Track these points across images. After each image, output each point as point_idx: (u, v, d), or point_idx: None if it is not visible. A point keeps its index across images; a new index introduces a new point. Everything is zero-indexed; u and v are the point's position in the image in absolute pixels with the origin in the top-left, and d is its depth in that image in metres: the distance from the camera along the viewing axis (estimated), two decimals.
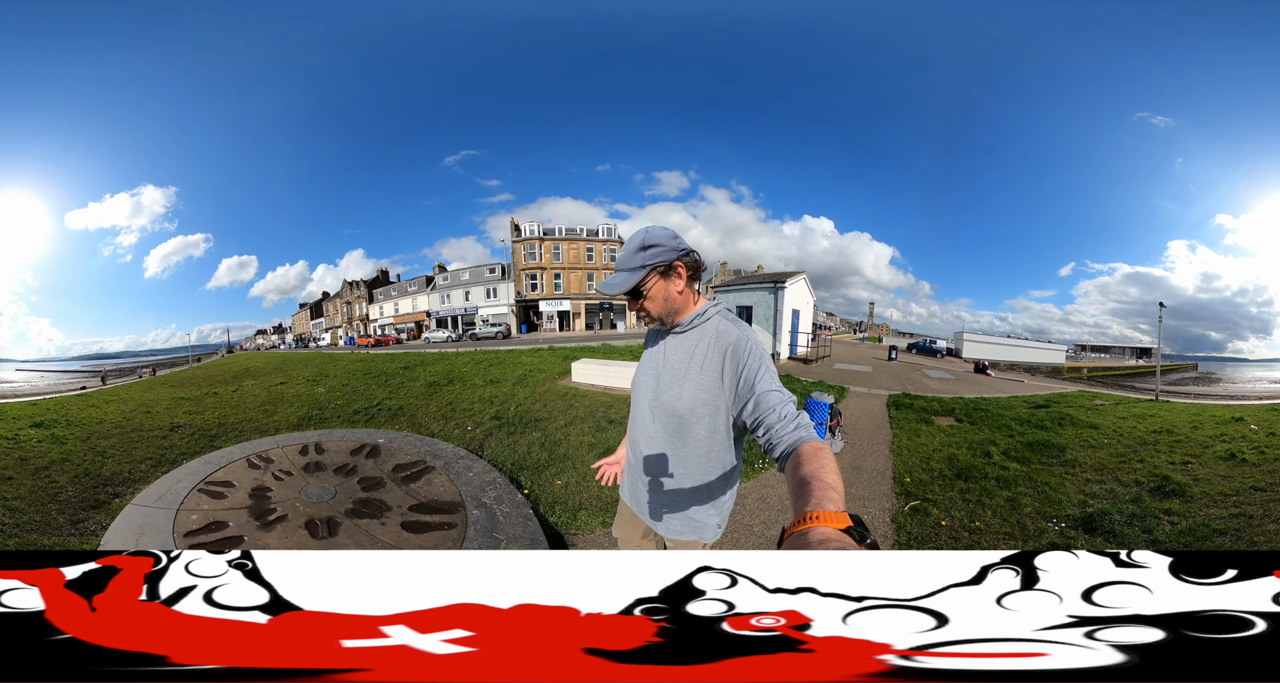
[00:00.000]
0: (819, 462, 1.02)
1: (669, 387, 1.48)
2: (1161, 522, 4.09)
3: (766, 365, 1.36)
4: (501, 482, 3.50)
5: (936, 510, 4.26)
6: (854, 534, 0.74)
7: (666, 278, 1.43)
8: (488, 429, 6.66)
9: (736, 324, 1.45)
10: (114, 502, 4.35)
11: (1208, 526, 3.97)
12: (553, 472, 5.01)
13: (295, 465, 3.60)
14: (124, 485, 4.76)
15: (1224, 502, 4.50)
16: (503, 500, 3.29)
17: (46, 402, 10.25)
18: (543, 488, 4.63)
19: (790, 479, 1.03)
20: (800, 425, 1.20)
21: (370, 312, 30.43)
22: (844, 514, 0.79)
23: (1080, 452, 6.26)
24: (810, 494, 0.91)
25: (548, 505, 4.21)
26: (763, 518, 4.04)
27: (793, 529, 0.79)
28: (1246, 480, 5.04)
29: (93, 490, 4.64)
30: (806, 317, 18.39)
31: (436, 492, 3.34)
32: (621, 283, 1.42)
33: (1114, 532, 3.87)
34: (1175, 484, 4.86)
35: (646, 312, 1.49)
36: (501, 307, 27.22)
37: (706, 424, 1.44)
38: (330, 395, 9.70)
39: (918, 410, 8.93)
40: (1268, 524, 3.95)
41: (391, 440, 4.19)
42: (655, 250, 1.41)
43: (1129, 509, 4.27)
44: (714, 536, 1.55)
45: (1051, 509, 4.32)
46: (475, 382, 10.28)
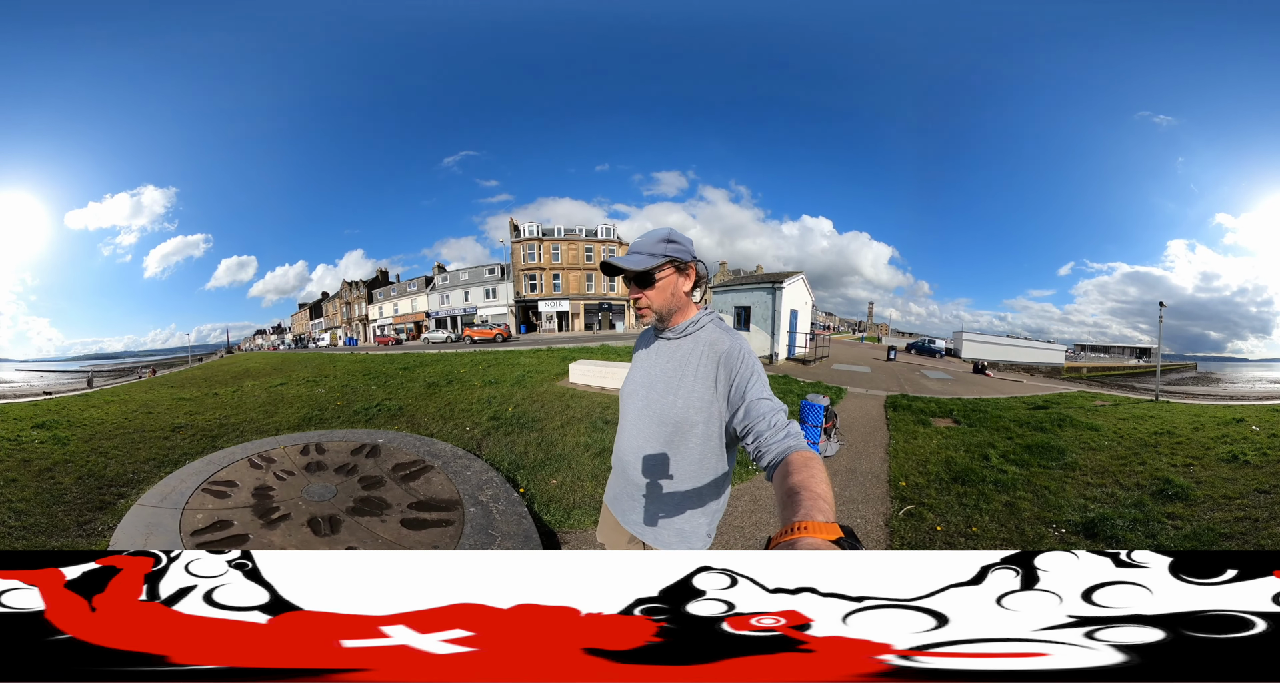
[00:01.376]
0: (808, 471, 0.99)
1: (661, 394, 1.47)
2: (1165, 526, 4.00)
3: (758, 374, 1.35)
4: (498, 481, 3.55)
5: (932, 515, 4.19)
6: (844, 545, 0.73)
7: (679, 274, 1.46)
8: (485, 429, 6.71)
9: (730, 333, 1.45)
10: (119, 502, 4.34)
11: (1213, 529, 3.89)
12: (548, 471, 5.05)
13: (297, 465, 3.64)
14: (128, 486, 4.77)
15: (1228, 505, 4.42)
16: (499, 499, 3.34)
17: (48, 402, 10.23)
18: (538, 487, 4.67)
19: (778, 488, 1.01)
20: (790, 434, 1.18)
21: (369, 312, 30.41)
22: (834, 525, 0.78)
23: (1080, 454, 6.13)
24: (799, 504, 0.89)
25: (542, 504, 4.26)
26: (754, 520, 4.04)
27: (780, 539, 0.77)
28: (1250, 483, 4.97)
29: (97, 492, 4.65)
30: (805, 317, 18.38)
31: (435, 490, 3.38)
32: (637, 262, 1.42)
33: (1116, 537, 3.80)
34: (1178, 487, 4.77)
35: (649, 303, 1.48)
36: (501, 307, 27.22)
37: (700, 431, 1.42)
38: (330, 396, 9.74)
39: (915, 412, 8.87)
40: (1274, 527, 3.89)
41: (391, 440, 4.23)
42: (677, 246, 1.45)
43: (1131, 513, 4.19)
44: (704, 544, 1.51)
45: (1051, 514, 4.21)
46: (474, 383, 10.32)
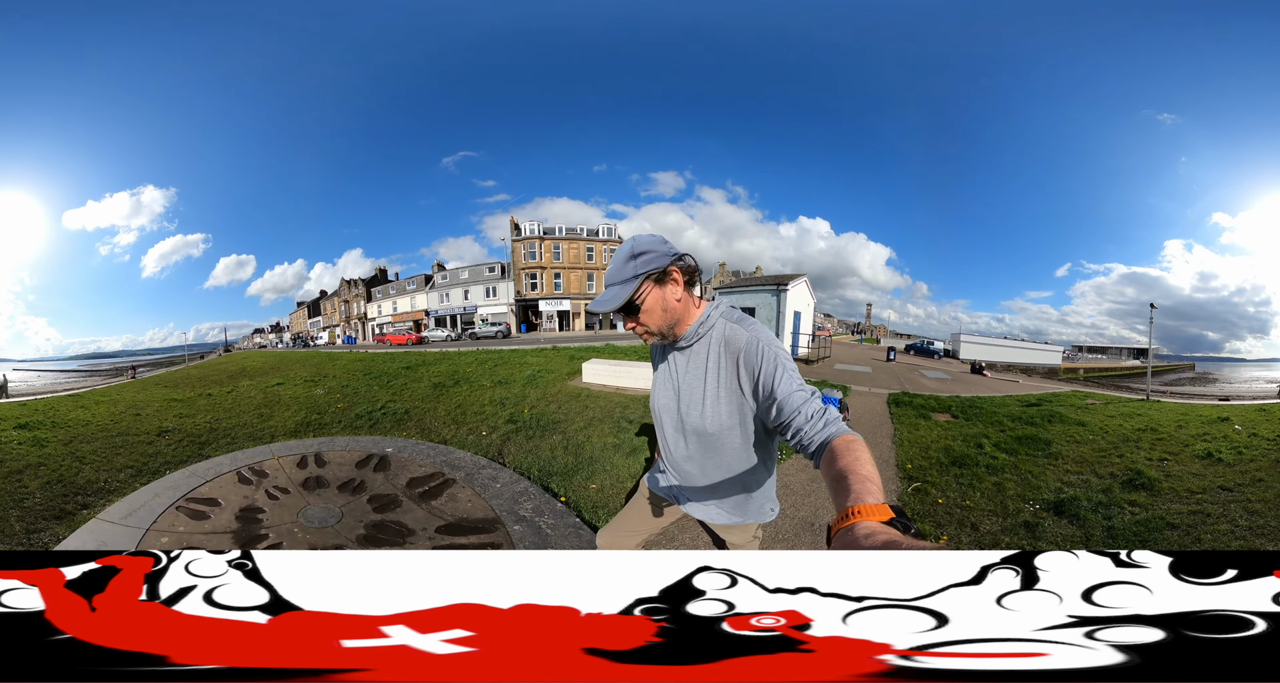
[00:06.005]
0: (852, 454, 1.01)
1: (692, 407, 1.45)
2: (1124, 511, 4.38)
3: (781, 365, 1.30)
4: (534, 491, 3.23)
5: (934, 491, 4.77)
6: (897, 525, 0.77)
7: (662, 285, 1.33)
8: (504, 434, 6.39)
9: (742, 323, 1.39)
10: (81, 513, 4.02)
11: (1163, 519, 4.20)
12: (583, 476, 4.79)
13: (293, 481, 3.29)
14: (96, 496, 4.42)
15: (1188, 498, 4.71)
16: (543, 511, 3.02)
17: (36, 402, 10.09)
18: (578, 493, 4.37)
19: (827, 476, 1.03)
20: (828, 421, 1.18)
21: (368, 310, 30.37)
22: (885, 506, 0.81)
23: (1065, 446, 6.58)
24: (849, 489, 0.91)
25: (589, 511, 3.96)
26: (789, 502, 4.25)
27: (838, 526, 0.81)
28: (1216, 480, 5.23)
29: (61, 499, 4.35)
30: (807, 318, 18.55)
31: (464, 508, 2.98)
32: (614, 298, 1.31)
33: (1079, 516, 4.20)
34: (1146, 479, 5.12)
35: (645, 327, 1.38)
36: (501, 306, 27.21)
37: (739, 433, 1.44)
38: (330, 397, 9.46)
39: (916, 408, 9.33)
40: (1220, 524, 4.11)
41: (401, 450, 3.91)
42: (646, 257, 1.32)
43: (1097, 498, 4.60)
44: (771, 515, 1.63)
45: (1030, 493, 4.76)
46: (483, 383, 10.07)
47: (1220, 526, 4.07)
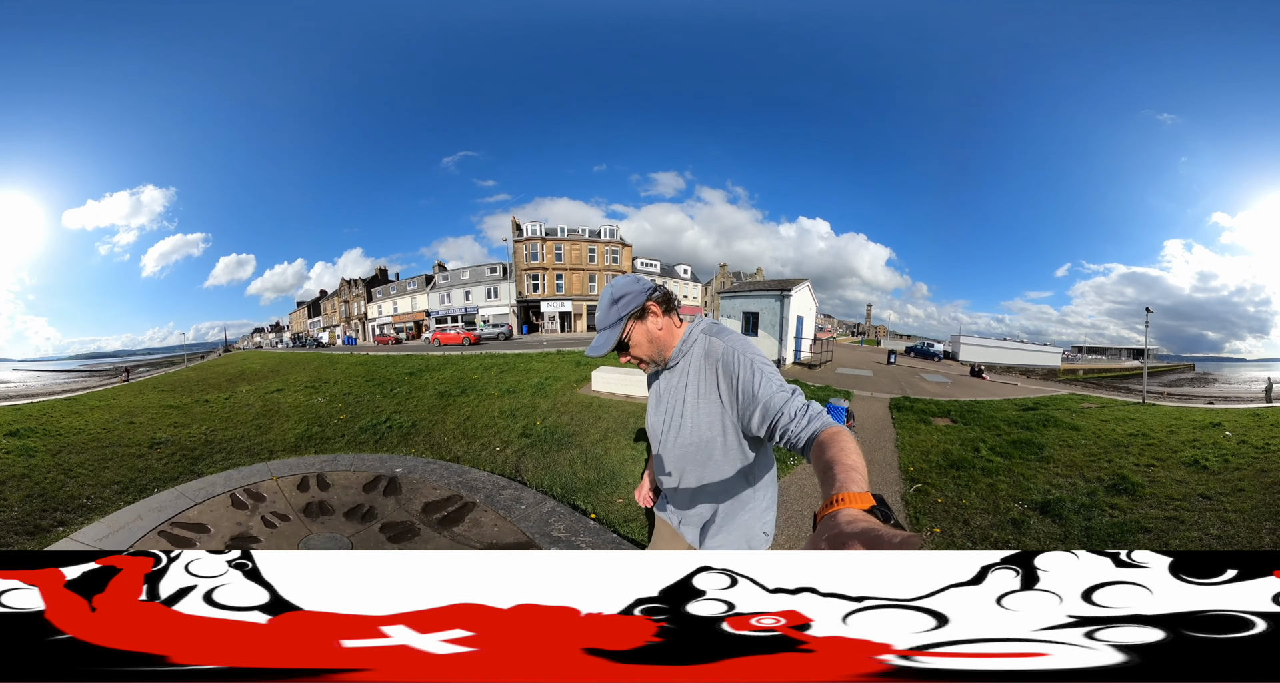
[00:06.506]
0: (838, 445, 1.05)
1: (673, 420, 1.51)
2: (1104, 514, 4.57)
3: (759, 369, 1.34)
4: (562, 510, 3.05)
5: (934, 491, 5.12)
6: (878, 513, 0.79)
7: (643, 320, 1.47)
8: (519, 449, 6.11)
9: (721, 336, 1.46)
10: (56, 530, 3.83)
11: (1139, 523, 4.36)
12: (608, 491, 4.70)
13: (293, 506, 2.93)
14: (75, 513, 4.18)
15: (1167, 504, 4.84)
16: (576, 530, 2.86)
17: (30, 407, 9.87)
18: (604, 509, 4.21)
19: (816, 467, 1.07)
20: (812, 417, 1.20)
21: (369, 310, 30.37)
22: (867, 495, 0.83)
23: (1057, 450, 6.89)
24: (835, 478, 0.94)
25: (621, 525, 3.87)
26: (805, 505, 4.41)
27: (823, 512, 0.83)
28: (1198, 487, 5.32)
29: (38, 515, 4.14)
30: (810, 322, 18.58)
31: (490, 533, 2.74)
32: (605, 342, 1.47)
33: (1062, 516, 4.46)
34: (1130, 484, 5.30)
35: (638, 358, 1.52)
36: (502, 307, 27.19)
37: (720, 444, 1.45)
38: (331, 407, 9.15)
39: (917, 412, 9.58)
40: (1190, 530, 4.23)
41: (411, 470, 3.57)
42: (625, 300, 1.46)
43: (1081, 500, 4.83)
44: (764, 544, 1.58)
45: (1021, 494, 5.07)
46: (490, 391, 9.76)
47: (1191, 532, 4.19)
